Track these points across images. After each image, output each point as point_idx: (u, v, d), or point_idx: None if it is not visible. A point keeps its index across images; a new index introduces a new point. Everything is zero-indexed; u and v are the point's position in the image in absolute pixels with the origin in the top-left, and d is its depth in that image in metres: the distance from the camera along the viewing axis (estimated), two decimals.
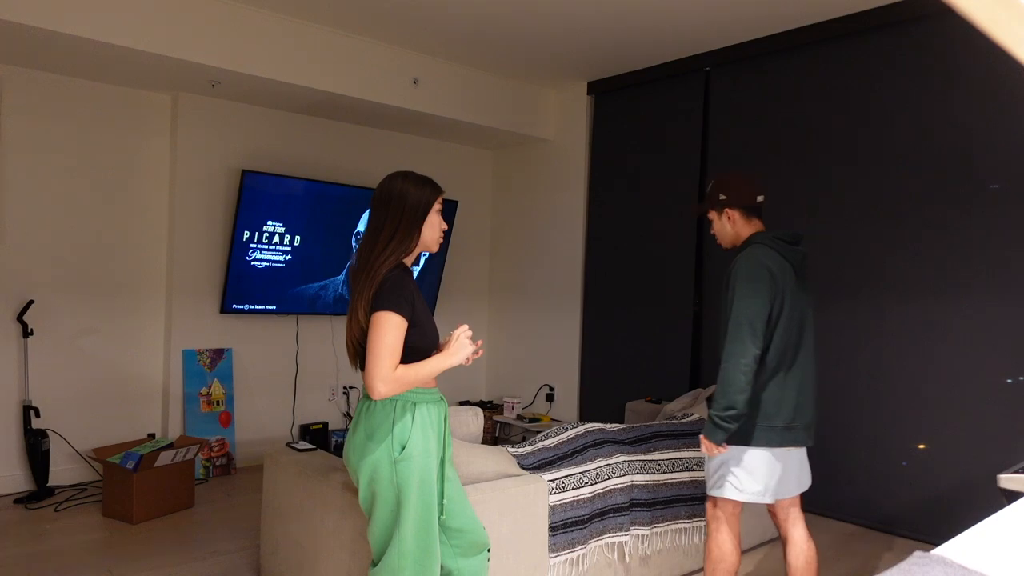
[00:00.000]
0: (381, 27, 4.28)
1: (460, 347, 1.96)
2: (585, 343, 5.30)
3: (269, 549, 2.79)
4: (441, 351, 1.98)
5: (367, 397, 1.96)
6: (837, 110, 4.00)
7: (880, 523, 3.77)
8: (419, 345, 1.93)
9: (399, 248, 1.95)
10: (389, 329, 1.83)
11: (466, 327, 2.00)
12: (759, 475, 2.34)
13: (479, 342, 2.03)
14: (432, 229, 2.01)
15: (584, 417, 5.28)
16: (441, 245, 2.09)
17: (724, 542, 2.44)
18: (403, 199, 1.96)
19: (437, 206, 2.02)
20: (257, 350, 4.82)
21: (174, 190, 4.47)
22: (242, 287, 4.56)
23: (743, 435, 2.31)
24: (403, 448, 1.87)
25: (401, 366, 1.87)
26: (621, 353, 5.05)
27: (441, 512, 1.98)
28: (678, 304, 4.72)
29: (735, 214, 2.45)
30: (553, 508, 2.56)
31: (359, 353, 1.96)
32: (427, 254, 5.32)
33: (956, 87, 3.57)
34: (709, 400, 2.41)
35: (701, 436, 2.33)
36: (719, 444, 2.28)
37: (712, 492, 2.41)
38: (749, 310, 2.24)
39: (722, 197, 2.44)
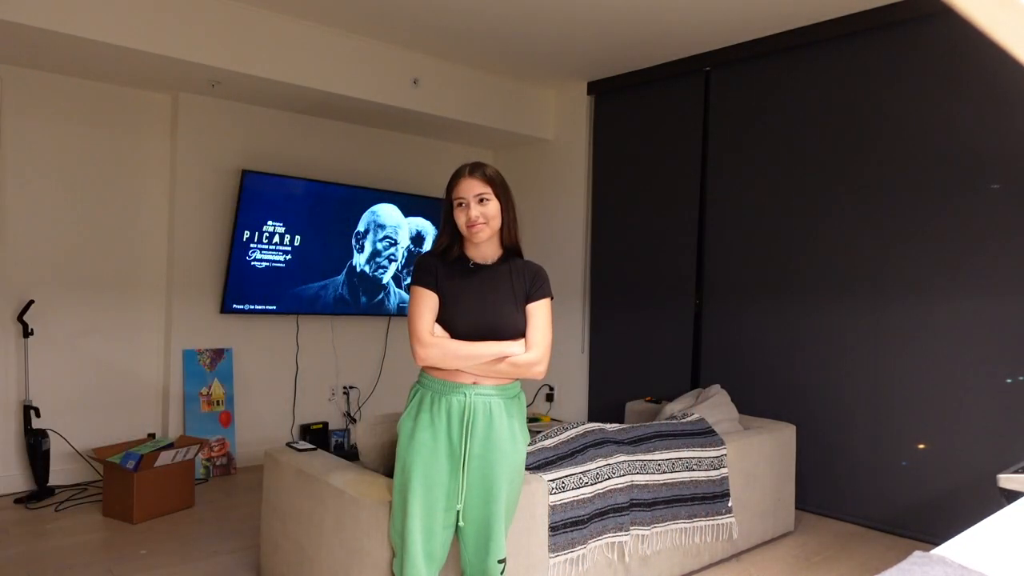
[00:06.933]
0: (381, 27, 4.28)
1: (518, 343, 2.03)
2: (585, 343, 5.30)
3: (269, 549, 2.79)
4: None
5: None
6: (837, 110, 4.00)
7: (880, 523, 3.77)
8: (451, 321, 2.02)
9: (441, 238, 2.09)
10: (412, 298, 2.05)
11: None
12: None
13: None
14: (457, 219, 2.06)
15: (585, 417, 5.28)
16: None
17: None
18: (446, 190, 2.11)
19: (456, 199, 2.04)
20: (257, 350, 4.82)
21: (174, 190, 4.47)
22: (242, 287, 4.56)
23: None
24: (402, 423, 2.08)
25: (445, 336, 1.99)
26: (621, 353, 5.05)
27: (459, 502, 2.01)
28: (679, 304, 4.72)
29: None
30: (553, 508, 2.56)
31: None
32: None
33: (956, 87, 3.57)
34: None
35: None
36: None
37: None
38: None
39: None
